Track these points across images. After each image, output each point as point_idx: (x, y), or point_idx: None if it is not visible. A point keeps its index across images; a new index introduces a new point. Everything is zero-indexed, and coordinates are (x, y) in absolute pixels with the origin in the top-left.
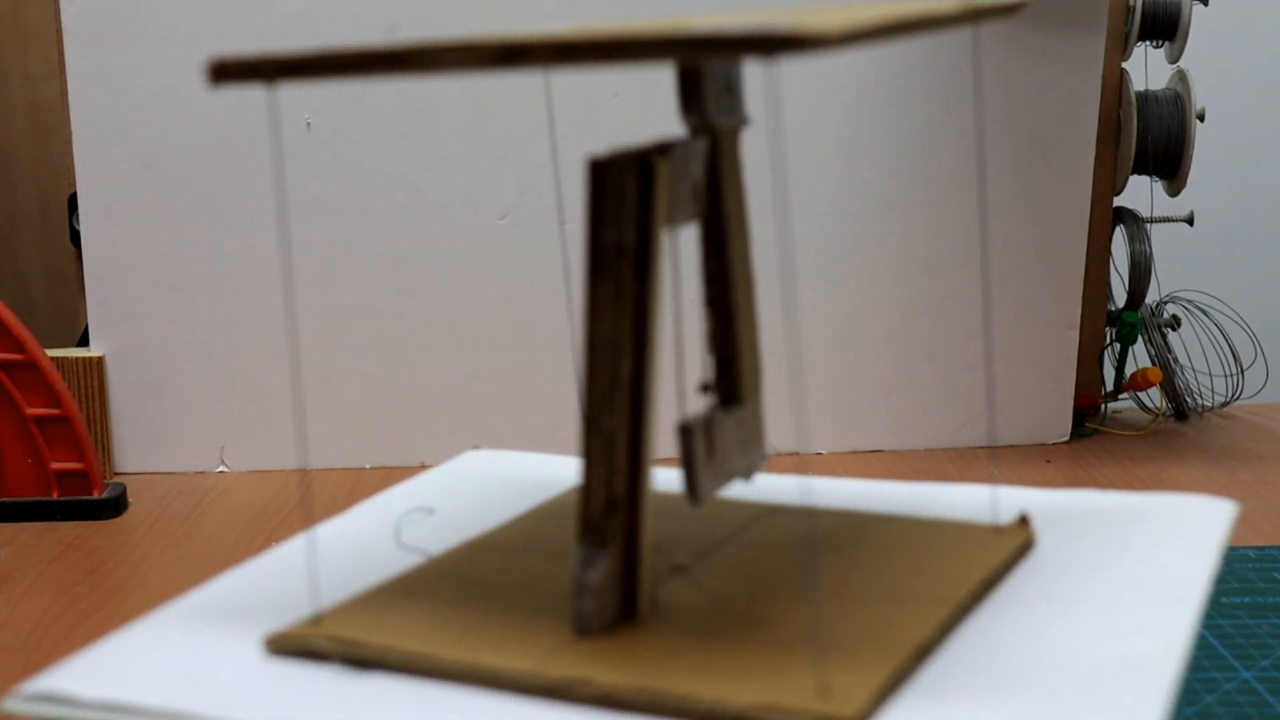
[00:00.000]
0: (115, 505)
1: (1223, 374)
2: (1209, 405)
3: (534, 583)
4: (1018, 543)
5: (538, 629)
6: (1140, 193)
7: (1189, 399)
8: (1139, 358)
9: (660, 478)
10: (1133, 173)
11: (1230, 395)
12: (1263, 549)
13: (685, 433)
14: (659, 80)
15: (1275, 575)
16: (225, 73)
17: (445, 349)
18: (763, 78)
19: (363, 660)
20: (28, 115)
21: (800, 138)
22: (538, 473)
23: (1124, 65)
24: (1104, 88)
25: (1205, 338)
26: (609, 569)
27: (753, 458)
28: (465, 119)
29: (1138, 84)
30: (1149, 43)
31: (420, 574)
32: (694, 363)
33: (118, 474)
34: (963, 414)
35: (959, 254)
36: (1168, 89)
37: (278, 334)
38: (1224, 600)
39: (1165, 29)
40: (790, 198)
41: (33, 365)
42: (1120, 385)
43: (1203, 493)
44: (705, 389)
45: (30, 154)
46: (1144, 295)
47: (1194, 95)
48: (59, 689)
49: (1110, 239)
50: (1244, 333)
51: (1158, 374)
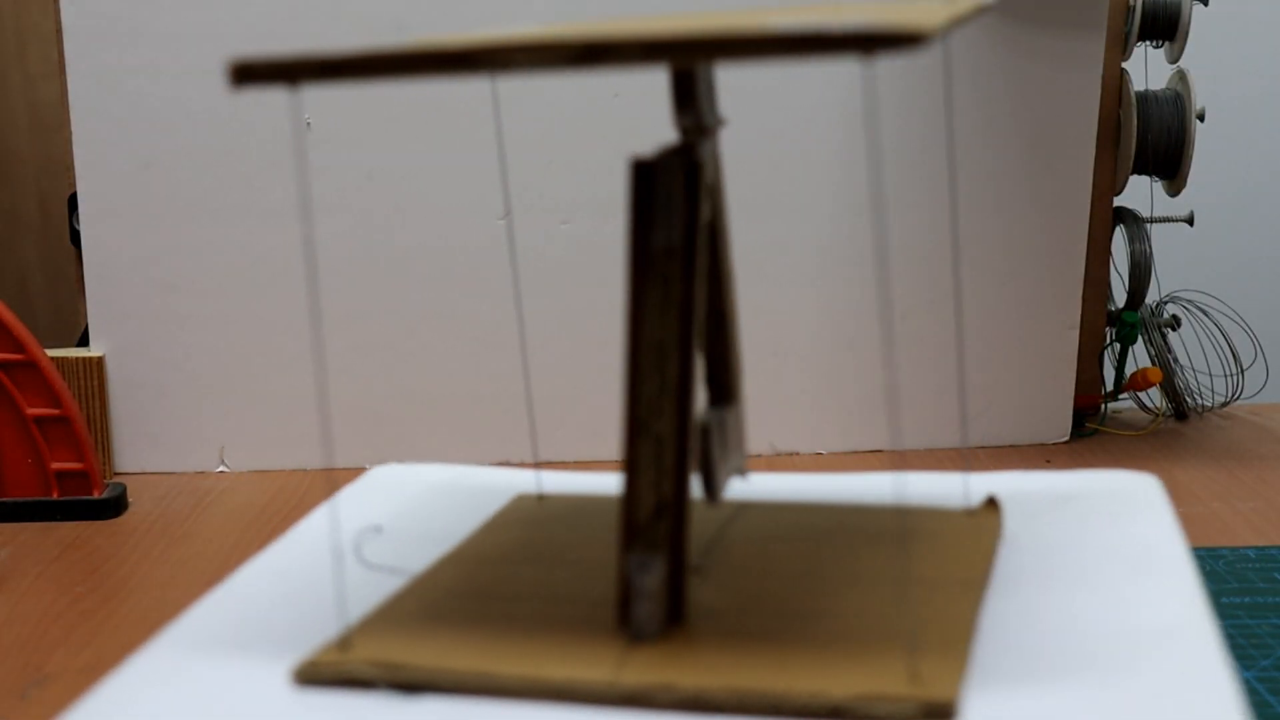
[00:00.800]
0: (115, 505)
1: (1223, 374)
2: (1209, 405)
3: (550, 592)
4: (995, 525)
5: (585, 638)
6: (1140, 193)
7: (1189, 399)
8: (1139, 358)
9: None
10: (1133, 173)
11: (1230, 395)
12: (1263, 549)
13: (705, 431)
14: (658, 81)
15: (1275, 575)
16: (251, 74)
17: (445, 349)
18: (743, 79)
19: (413, 684)
20: (28, 115)
21: (800, 137)
22: (458, 483)
23: (1124, 65)
24: (1104, 88)
25: (1205, 338)
26: (664, 573)
27: (742, 456)
28: (465, 119)
29: (1138, 84)
30: (1149, 43)
31: (421, 591)
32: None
33: (118, 474)
34: (962, 414)
35: (959, 254)
36: (1168, 89)
37: (278, 334)
38: (1224, 600)
39: (1165, 29)
40: (790, 198)
41: (33, 365)
42: (1120, 385)
43: (1200, 491)
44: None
45: (30, 154)
46: (1144, 295)
47: (1194, 95)
48: None
49: (1110, 239)
50: (1244, 333)
51: (1158, 374)
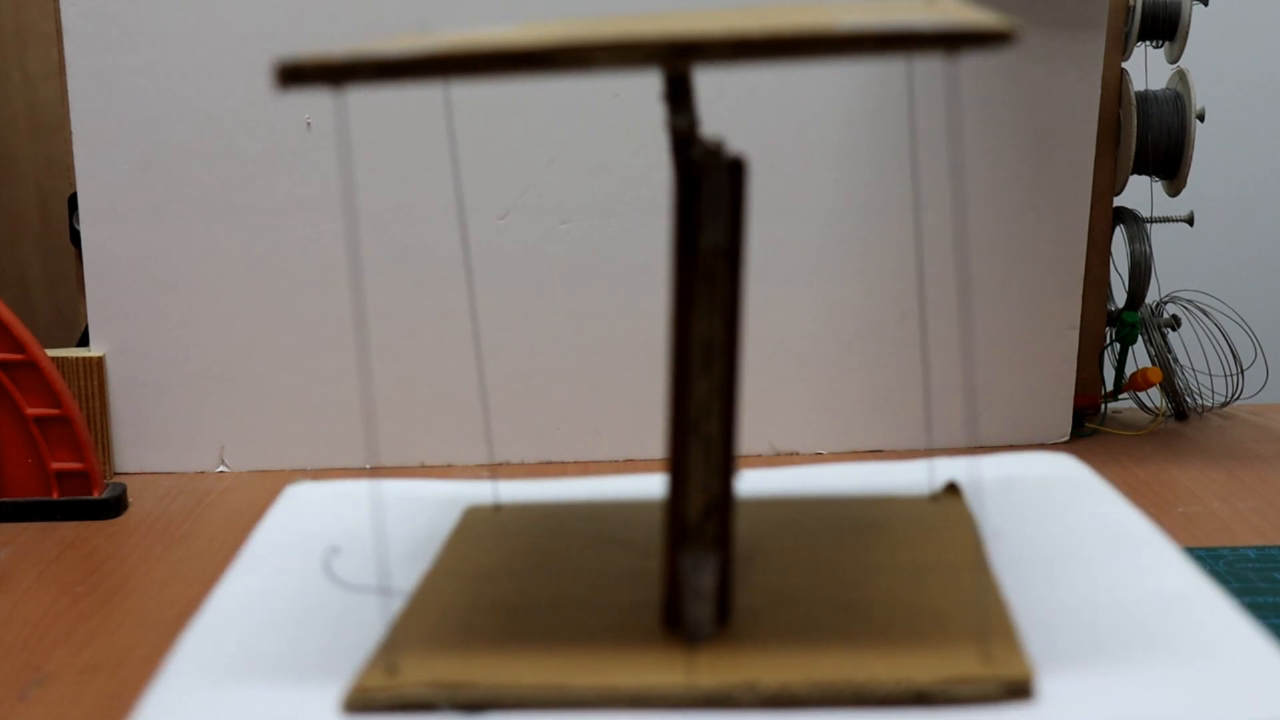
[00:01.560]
0: (115, 505)
1: (1223, 374)
2: (1209, 405)
3: (572, 601)
4: (964, 509)
5: (634, 643)
6: (1140, 193)
7: (1189, 399)
8: (1139, 358)
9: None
10: (1133, 173)
11: (1230, 395)
12: (1263, 549)
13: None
14: (658, 82)
15: (1275, 575)
16: (299, 75)
17: (445, 349)
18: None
19: (477, 703)
20: (28, 115)
21: (800, 138)
22: (381, 497)
23: (1124, 65)
24: (1104, 88)
25: (1205, 338)
26: (718, 573)
27: None
28: (465, 119)
29: (1138, 84)
30: (1149, 43)
31: (433, 609)
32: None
33: (118, 474)
34: (963, 414)
35: (959, 254)
36: (1168, 89)
37: (278, 334)
38: None
39: (1165, 29)
40: (790, 198)
41: (33, 365)
42: (1120, 385)
43: (1200, 491)
44: None
45: (30, 154)
46: (1144, 295)
47: (1194, 95)
48: None
49: (1110, 239)
50: (1244, 333)
51: (1158, 374)
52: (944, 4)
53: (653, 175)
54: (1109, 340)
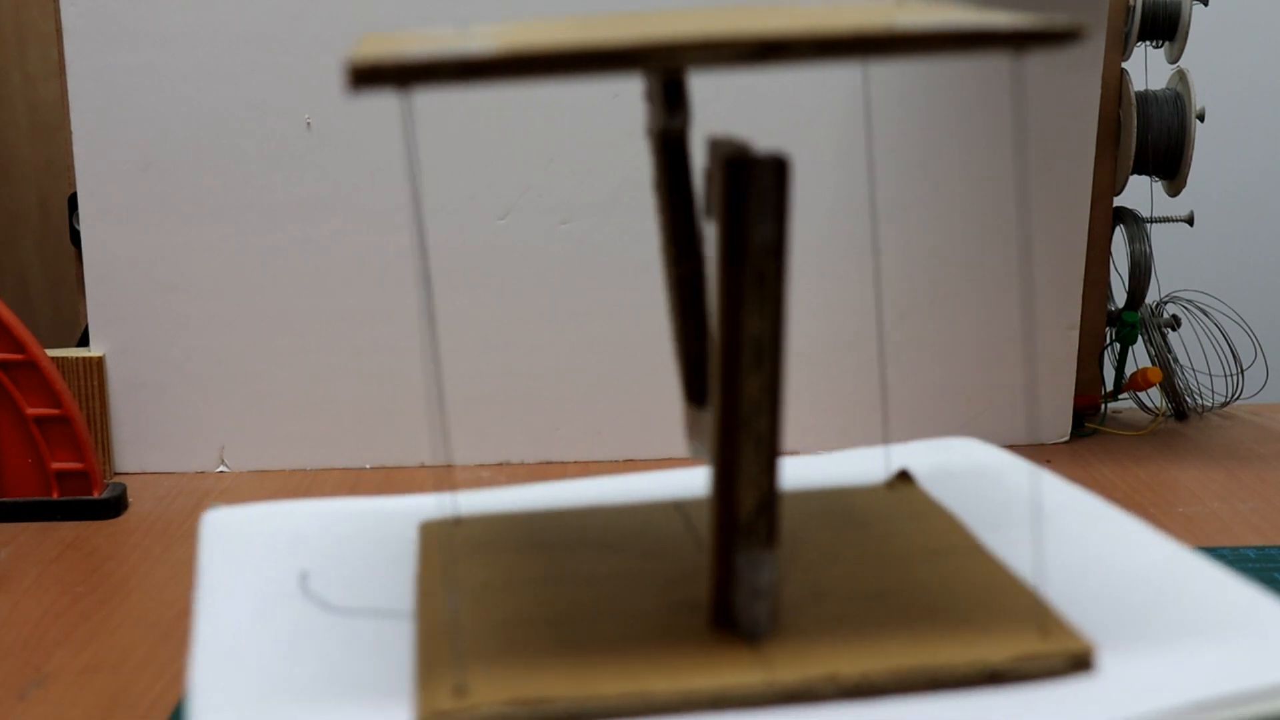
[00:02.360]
0: (115, 505)
1: (1223, 374)
2: (1209, 405)
3: (603, 609)
4: (926, 496)
5: (693, 645)
6: (1140, 193)
7: (1189, 399)
8: (1139, 358)
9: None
10: (1133, 173)
11: (1230, 395)
12: (1263, 549)
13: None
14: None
15: (1275, 575)
16: (375, 76)
17: (445, 349)
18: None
19: (561, 717)
20: (28, 115)
21: (800, 138)
22: (312, 518)
23: (1124, 65)
24: (1104, 88)
25: (1205, 338)
26: (776, 569)
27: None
28: (466, 119)
29: (1138, 84)
30: (1149, 43)
31: (458, 627)
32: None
33: (118, 474)
34: (963, 414)
35: (959, 254)
36: (1168, 89)
37: (278, 334)
38: None
39: (1165, 29)
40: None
41: (33, 365)
42: (1120, 385)
43: (1200, 491)
44: None
45: (30, 154)
46: (1144, 295)
47: (1194, 95)
48: None
49: (1110, 239)
50: (1244, 333)
51: (1158, 374)
52: (913, 5)
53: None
54: (1109, 340)
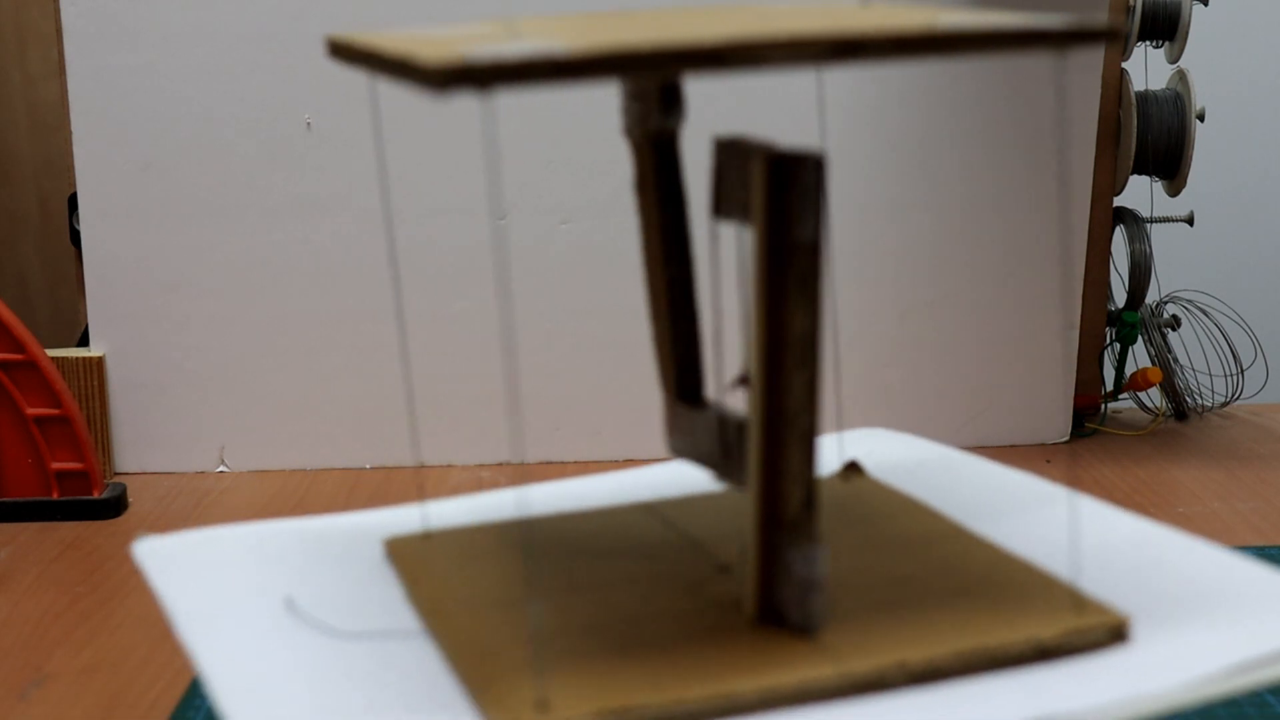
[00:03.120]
0: (115, 505)
1: (1223, 374)
2: (1209, 405)
3: (637, 613)
4: (882, 485)
5: (750, 643)
6: (1140, 193)
7: (1189, 399)
8: (1139, 358)
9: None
10: (1133, 173)
11: (1230, 395)
12: (1263, 549)
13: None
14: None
15: None
16: (472, 77)
17: (445, 349)
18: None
19: None
20: (28, 115)
21: (800, 138)
22: (245, 543)
23: (1124, 65)
24: (1104, 88)
25: (1205, 338)
26: (828, 562)
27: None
28: (465, 119)
29: (1138, 84)
30: (1149, 43)
31: (492, 641)
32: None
33: (118, 474)
34: (963, 414)
35: (959, 254)
36: (1168, 89)
37: (278, 334)
38: None
39: (1165, 29)
40: None
41: (33, 365)
42: (1120, 385)
43: (1200, 491)
44: (744, 381)
45: (30, 154)
46: (1144, 295)
47: (1194, 95)
48: None
49: (1110, 239)
50: (1244, 333)
51: (1158, 374)
52: (878, 6)
53: None
54: (1109, 340)
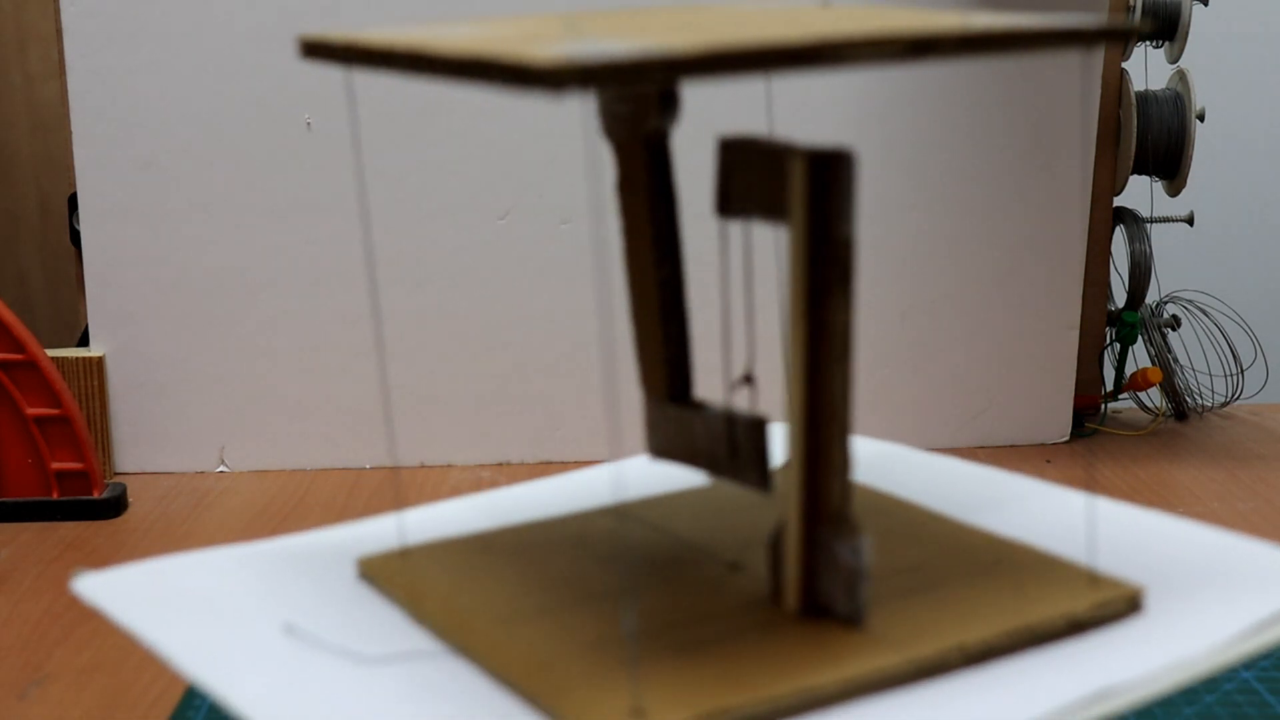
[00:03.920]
0: (115, 505)
1: (1223, 374)
2: (1209, 405)
3: (673, 618)
4: (859, 485)
5: (799, 636)
6: (1140, 193)
7: (1189, 399)
8: (1139, 358)
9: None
10: (1133, 173)
11: (1230, 395)
12: None
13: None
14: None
15: None
16: (603, 75)
17: (445, 349)
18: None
19: None
20: (28, 115)
21: (800, 138)
22: (203, 573)
23: (1124, 65)
24: (1104, 88)
25: (1205, 338)
26: (873, 552)
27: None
28: (465, 119)
29: (1138, 84)
30: (1149, 43)
31: (535, 654)
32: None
33: (118, 474)
34: (963, 414)
35: (959, 254)
36: (1168, 89)
37: (278, 334)
38: None
39: (1165, 29)
40: None
41: (33, 365)
42: (1120, 385)
43: (1200, 491)
44: (748, 380)
45: (30, 154)
46: (1144, 295)
47: (1194, 95)
48: None
49: (1110, 239)
50: (1244, 333)
51: (1158, 374)
52: (840, 6)
53: None
54: (1109, 340)
